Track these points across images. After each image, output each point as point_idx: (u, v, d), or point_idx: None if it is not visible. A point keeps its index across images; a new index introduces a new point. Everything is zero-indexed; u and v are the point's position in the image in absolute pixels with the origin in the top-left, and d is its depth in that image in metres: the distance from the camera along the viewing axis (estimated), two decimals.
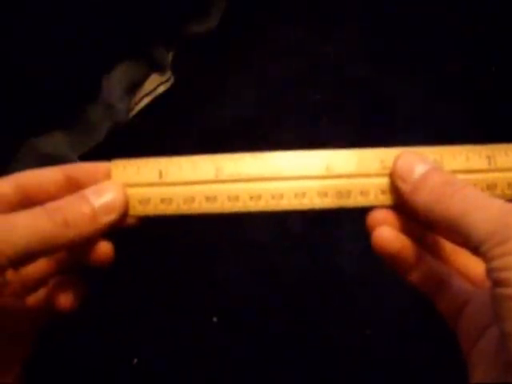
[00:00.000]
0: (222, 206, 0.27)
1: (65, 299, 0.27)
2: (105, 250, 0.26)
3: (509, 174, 0.27)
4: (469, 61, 0.87)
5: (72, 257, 0.28)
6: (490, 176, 0.27)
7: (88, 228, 0.25)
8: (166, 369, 0.65)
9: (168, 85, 0.84)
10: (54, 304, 0.27)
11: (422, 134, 0.80)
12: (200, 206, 0.27)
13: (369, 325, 0.67)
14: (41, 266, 0.28)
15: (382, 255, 0.26)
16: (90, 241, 0.26)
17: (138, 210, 0.27)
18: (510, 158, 0.27)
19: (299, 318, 0.68)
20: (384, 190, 0.27)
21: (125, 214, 0.27)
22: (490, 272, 0.21)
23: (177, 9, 0.79)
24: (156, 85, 0.83)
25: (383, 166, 0.27)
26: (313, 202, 0.27)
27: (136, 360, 0.65)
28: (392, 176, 0.26)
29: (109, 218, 0.26)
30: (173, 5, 0.77)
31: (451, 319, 0.27)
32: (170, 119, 0.82)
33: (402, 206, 0.26)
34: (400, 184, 0.26)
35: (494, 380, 0.23)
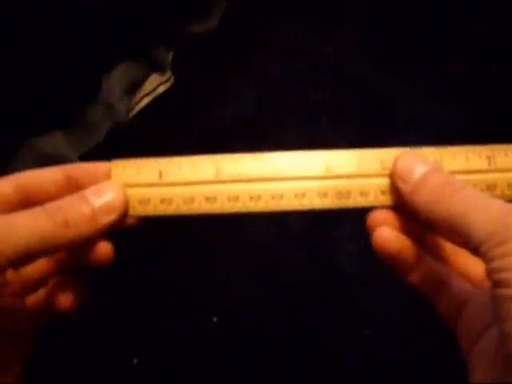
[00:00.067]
0: (222, 206, 0.27)
1: (64, 299, 0.27)
2: (105, 250, 0.26)
3: (508, 174, 0.26)
4: (469, 61, 0.87)
5: (72, 257, 0.28)
6: (489, 176, 0.26)
7: (88, 228, 0.25)
8: (166, 369, 0.65)
9: (168, 85, 0.84)
10: (54, 304, 0.27)
11: (422, 133, 0.80)
12: (200, 207, 0.27)
13: (369, 325, 0.67)
14: (41, 266, 0.28)
15: (382, 255, 0.26)
16: (89, 241, 0.26)
17: (137, 210, 0.27)
18: (509, 158, 0.27)
19: (299, 318, 0.68)
20: (384, 191, 0.27)
21: (124, 215, 0.27)
22: (489, 272, 0.21)
23: (177, 9, 0.79)
24: (156, 85, 0.83)
25: (383, 167, 0.27)
26: (313, 202, 0.27)
27: (136, 360, 0.65)
28: (392, 176, 0.26)
29: (108, 219, 0.25)
30: (173, 5, 0.77)
31: (451, 320, 0.27)
32: (170, 119, 0.82)
33: (402, 207, 0.26)
34: (400, 184, 0.26)
35: (493, 380, 0.23)
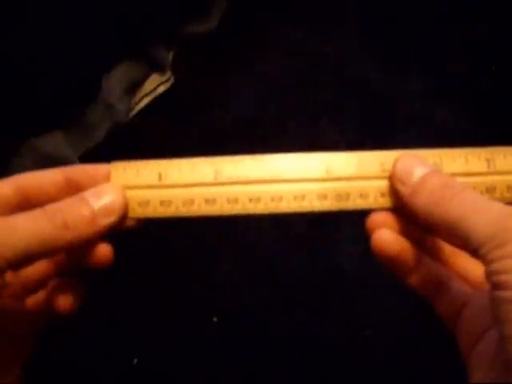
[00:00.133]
0: (221, 208, 0.27)
1: (64, 301, 0.27)
2: (104, 252, 0.26)
3: (508, 176, 0.26)
4: (469, 61, 0.87)
5: (71, 259, 0.28)
6: (489, 179, 0.26)
7: (87, 230, 0.25)
8: (166, 369, 0.65)
9: (168, 85, 0.84)
10: (54, 306, 0.27)
11: (422, 134, 0.80)
12: (199, 209, 0.27)
13: (368, 326, 0.67)
14: (40, 267, 0.28)
15: (381, 258, 0.26)
16: (89, 243, 0.26)
17: (137, 212, 0.27)
18: (508, 161, 0.27)
19: (299, 319, 0.68)
20: (383, 193, 0.27)
21: (124, 216, 0.27)
22: (488, 275, 0.21)
23: (177, 9, 0.79)
24: (156, 85, 0.82)
25: (383, 169, 0.27)
26: (312, 204, 0.27)
27: (136, 360, 0.65)
28: (391, 179, 0.26)
29: (108, 220, 0.25)
30: (173, 5, 0.77)
31: (450, 322, 0.27)
32: (170, 119, 0.82)
33: (402, 209, 0.26)
34: (399, 187, 0.26)
35: (493, 381, 0.23)
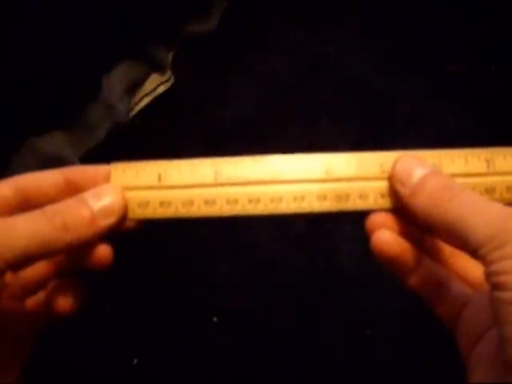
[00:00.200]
0: (221, 209, 0.27)
1: (64, 302, 0.27)
2: (104, 253, 0.26)
3: (507, 177, 0.26)
4: (469, 61, 0.87)
5: (71, 260, 0.28)
6: (488, 180, 0.26)
7: (87, 231, 0.25)
8: (166, 369, 0.65)
9: (168, 85, 0.84)
10: (53, 307, 0.27)
11: (422, 134, 0.80)
12: (199, 210, 0.27)
13: (368, 325, 0.67)
14: (40, 268, 0.28)
15: (381, 258, 0.26)
16: (89, 244, 0.26)
17: (136, 213, 0.27)
18: (508, 161, 0.26)
19: (299, 319, 0.68)
20: (383, 194, 0.27)
21: (124, 217, 0.26)
22: (488, 276, 0.21)
23: (177, 9, 0.79)
24: (156, 85, 0.83)
25: (382, 170, 0.27)
26: (312, 205, 0.27)
27: (136, 360, 0.65)
28: (391, 179, 0.26)
29: (108, 222, 0.25)
30: (173, 5, 0.77)
31: (450, 322, 0.27)
32: (170, 119, 0.82)
33: (401, 210, 0.26)
34: (399, 188, 0.26)
35: (493, 382, 0.23)
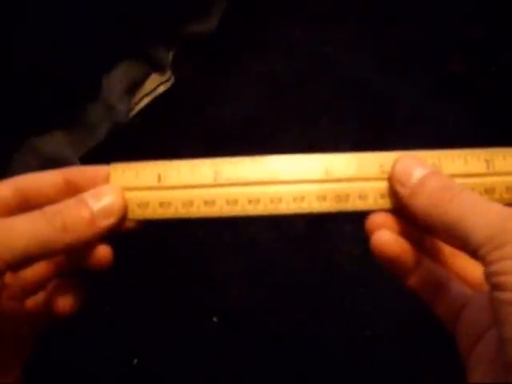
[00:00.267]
0: (221, 209, 0.27)
1: (64, 302, 0.27)
2: (104, 253, 0.26)
3: (507, 177, 0.26)
4: (469, 61, 0.87)
5: (71, 260, 0.28)
6: (488, 180, 0.26)
7: (86, 232, 0.25)
8: (166, 369, 0.65)
9: (168, 85, 0.84)
10: (53, 307, 0.27)
11: (422, 134, 0.80)
12: (198, 210, 0.27)
13: (368, 326, 0.67)
14: (40, 269, 0.28)
15: (380, 259, 0.26)
16: (88, 244, 0.26)
17: (136, 213, 0.27)
18: (508, 161, 0.26)
19: (299, 319, 0.68)
20: (383, 194, 0.27)
21: (123, 218, 0.26)
22: (488, 276, 0.21)
23: (177, 9, 0.79)
24: (156, 85, 0.83)
25: (382, 170, 0.27)
26: (311, 205, 0.27)
27: (136, 360, 0.65)
28: (390, 180, 0.26)
29: (107, 222, 0.25)
30: (173, 5, 0.77)
31: (450, 323, 0.27)
32: (170, 119, 0.82)
33: (401, 210, 0.26)
34: (398, 188, 0.26)
35: (492, 382, 0.23)
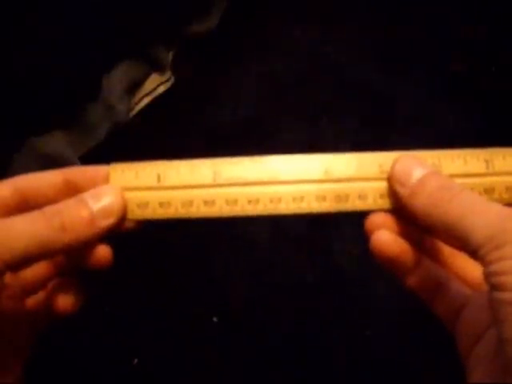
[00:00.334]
0: (220, 210, 0.27)
1: (64, 302, 0.27)
2: (103, 253, 0.26)
3: (506, 177, 0.26)
4: (469, 61, 0.87)
5: (71, 260, 0.28)
6: (487, 180, 0.26)
7: (86, 232, 0.25)
8: (167, 369, 0.65)
9: (168, 85, 0.84)
10: (54, 307, 0.27)
11: (422, 133, 0.80)
12: (198, 210, 0.27)
13: (368, 326, 0.67)
14: (40, 269, 0.28)
15: (380, 259, 0.26)
16: (88, 245, 0.26)
17: (136, 213, 0.27)
18: (507, 161, 0.27)
19: (299, 319, 0.68)
20: (383, 194, 0.27)
21: (123, 218, 0.27)
22: (487, 276, 0.21)
23: (177, 9, 0.79)
24: (156, 85, 0.82)
25: (382, 171, 0.27)
26: (311, 206, 0.27)
27: (136, 360, 0.65)
28: (390, 180, 0.26)
29: (107, 222, 0.25)
30: (173, 5, 0.77)
31: (449, 323, 0.27)
32: (170, 119, 0.82)
33: (401, 210, 0.26)
34: (398, 188, 0.26)
35: (492, 382, 0.23)
